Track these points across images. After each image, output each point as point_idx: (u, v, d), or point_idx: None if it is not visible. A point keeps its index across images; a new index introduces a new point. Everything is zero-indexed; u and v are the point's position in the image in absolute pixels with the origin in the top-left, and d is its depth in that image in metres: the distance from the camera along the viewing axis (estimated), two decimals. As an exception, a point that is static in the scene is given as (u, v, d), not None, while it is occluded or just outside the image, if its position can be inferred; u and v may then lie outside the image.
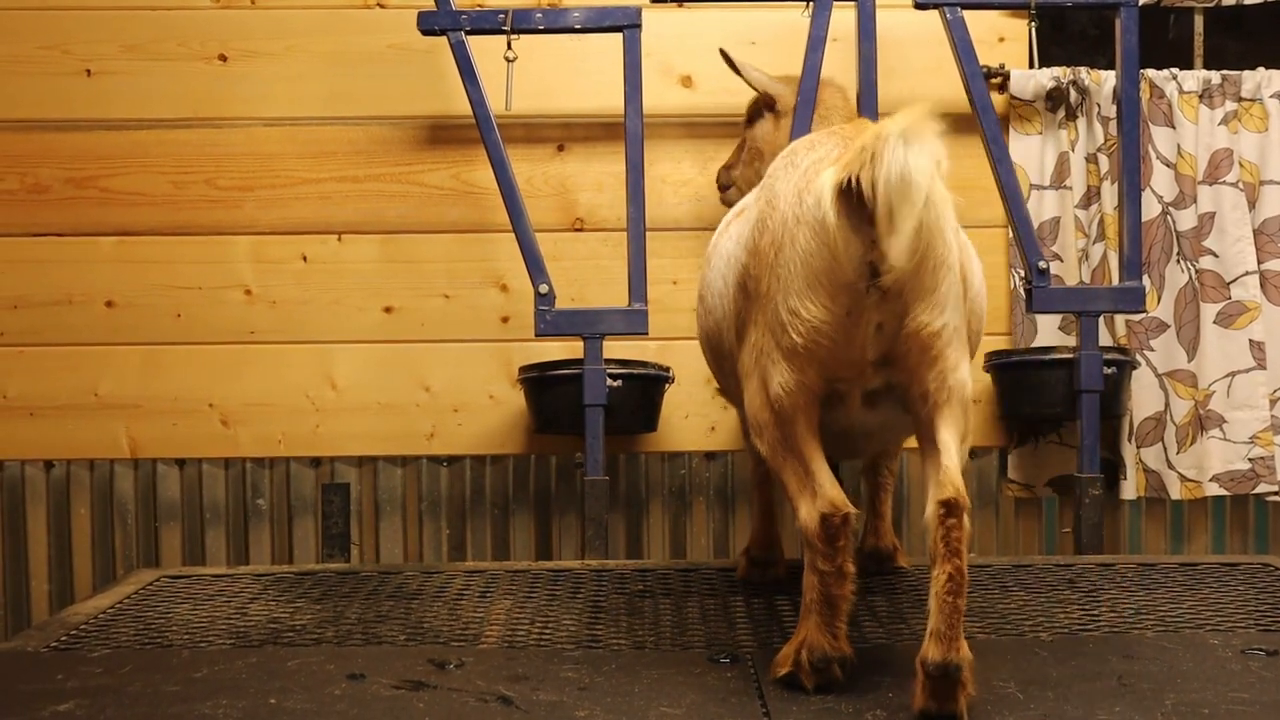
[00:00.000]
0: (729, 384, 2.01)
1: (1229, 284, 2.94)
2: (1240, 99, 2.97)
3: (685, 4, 2.79)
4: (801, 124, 2.68)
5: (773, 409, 1.60)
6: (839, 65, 2.82)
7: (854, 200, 1.44)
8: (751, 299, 1.64)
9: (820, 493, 1.57)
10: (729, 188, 2.72)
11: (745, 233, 1.71)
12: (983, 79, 2.73)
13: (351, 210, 2.98)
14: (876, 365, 1.57)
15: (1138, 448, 2.96)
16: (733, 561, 2.48)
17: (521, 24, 2.69)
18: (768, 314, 1.58)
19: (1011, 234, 2.80)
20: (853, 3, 2.71)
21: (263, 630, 1.97)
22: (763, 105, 2.66)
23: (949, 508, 1.47)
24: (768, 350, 1.60)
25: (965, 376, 1.58)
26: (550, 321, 2.68)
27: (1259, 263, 2.95)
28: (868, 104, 2.61)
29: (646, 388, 2.79)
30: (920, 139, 1.39)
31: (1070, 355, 2.73)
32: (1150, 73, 2.94)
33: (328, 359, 2.98)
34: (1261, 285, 2.94)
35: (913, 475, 3.04)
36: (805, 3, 2.74)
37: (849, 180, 1.43)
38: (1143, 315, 2.90)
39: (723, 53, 2.63)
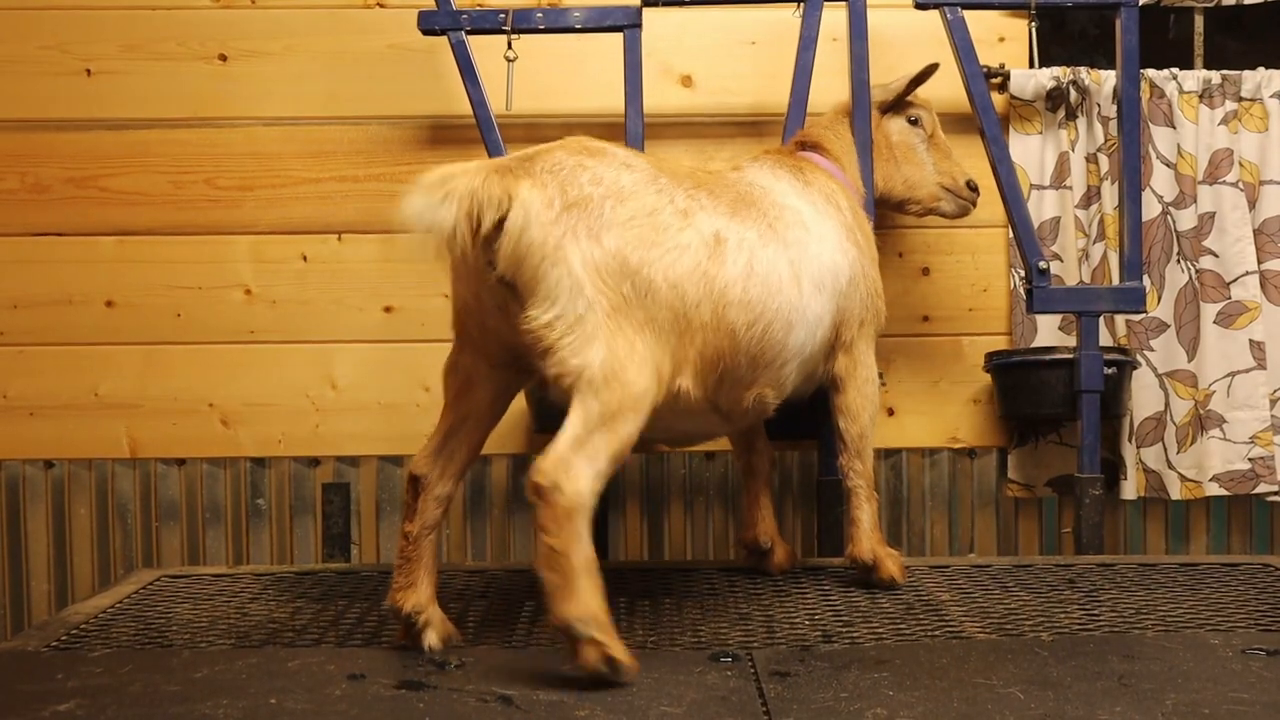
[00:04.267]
0: None
1: (1229, 284, 2.94)
2: (1240, 99, 2.97)
3: (685, 5, 2.78)
4: (794, 124, 2.68)
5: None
6: (838, 65, 2.82)
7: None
8: None
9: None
10: None
11: None
12: (983, 79, 2.73)
13: (352, 210, 2.98)
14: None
15: (1138, 448, 2.96)
16: (733, 560, 2.48)
17: (522, 24, 2.69)
18: None
19: (1011, 234, 2.80)
20: (844, 2, 2.71)
21: (263, 630, 1.97)
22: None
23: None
24: None
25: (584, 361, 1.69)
26: None
27: (1259, 263, 2.95)
28: (860, 104, 2.61)
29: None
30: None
31: (1070, 355, 2.73)
32: (1150, 73, 2.94)
33: (328, 359, 2.98)
34: (1261, 285, 2.95)
35: (912, 476, 3.04)
36: (796, 3, 2.74)
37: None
38: (1143, 315, 2.90)
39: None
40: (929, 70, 2.59)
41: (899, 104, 2.63)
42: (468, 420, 1.87)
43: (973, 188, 2.64)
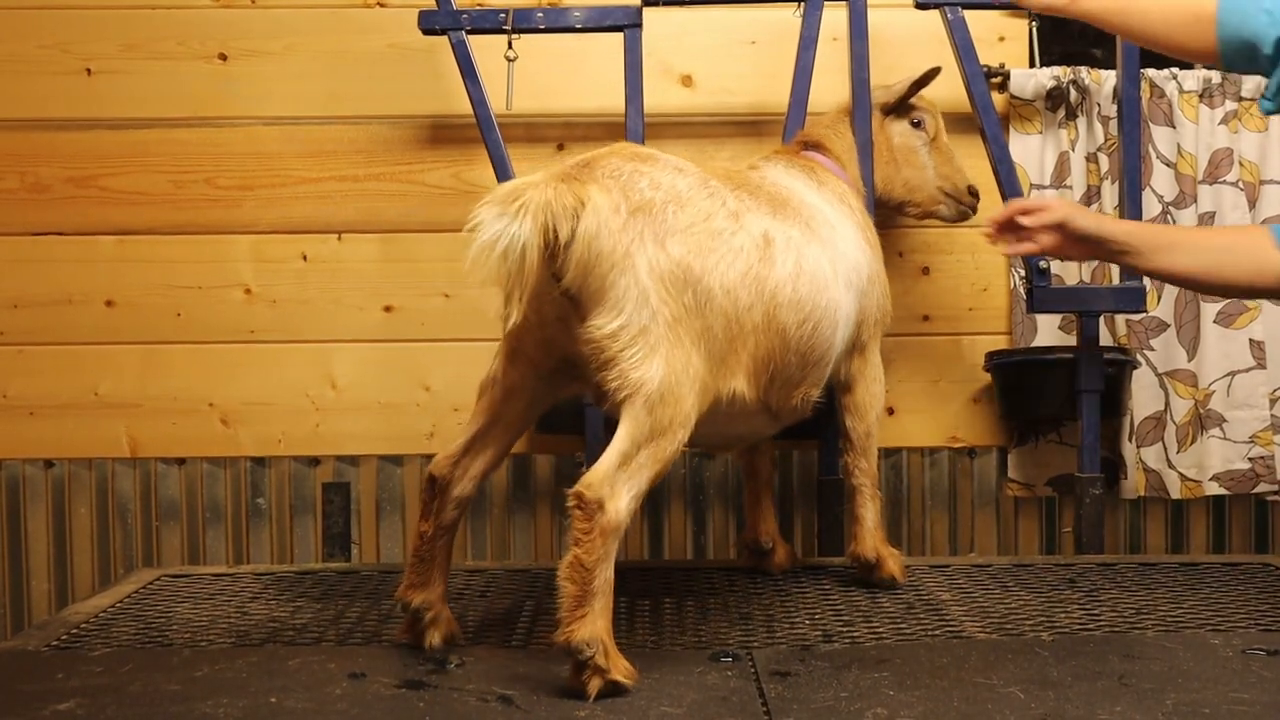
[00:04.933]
0: None
1: (1229, 284, 2.93)
2: (1240, 98, 2.97)
3: (685, 4, 2.78)
4: (794, 124, 2.67)
5: None
6: (838, 64, 2.82)
7: None
8: None
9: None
10: None
11: None
12: (983, 79, 2.73)
13: (352, 209, 2.98)
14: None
15: (1138, 447, 2.96)
16: (734, 560, 2.48)
17: (522, 23, 2.69)
18: None
19: (1012, 233, 2.80)
20: (844, 2, 2.70)
21: (263, 629, 1.97)
22: None
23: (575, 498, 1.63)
24: None
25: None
26: None
27: (1259, 262, 2.94)
28: (860, 103, 2.61)
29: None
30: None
31: (1070, 355, 2.73)
32: (1150, 72, 2.94)
33: (328, 358, 2.98)
34: (1262, 285, 2.94)
35: (913, 476, 3.04)
36: (797, 2, 2.73)
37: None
38: (1143, 315, 2.90)
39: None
40: (932, 73, 2.58)
41: (902, 106, 2.63)
42: (496, 426, 1.87)
43: (974, 193, 2.64)
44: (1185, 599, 2.10)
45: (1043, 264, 2.68)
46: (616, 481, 1.62)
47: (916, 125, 2.63)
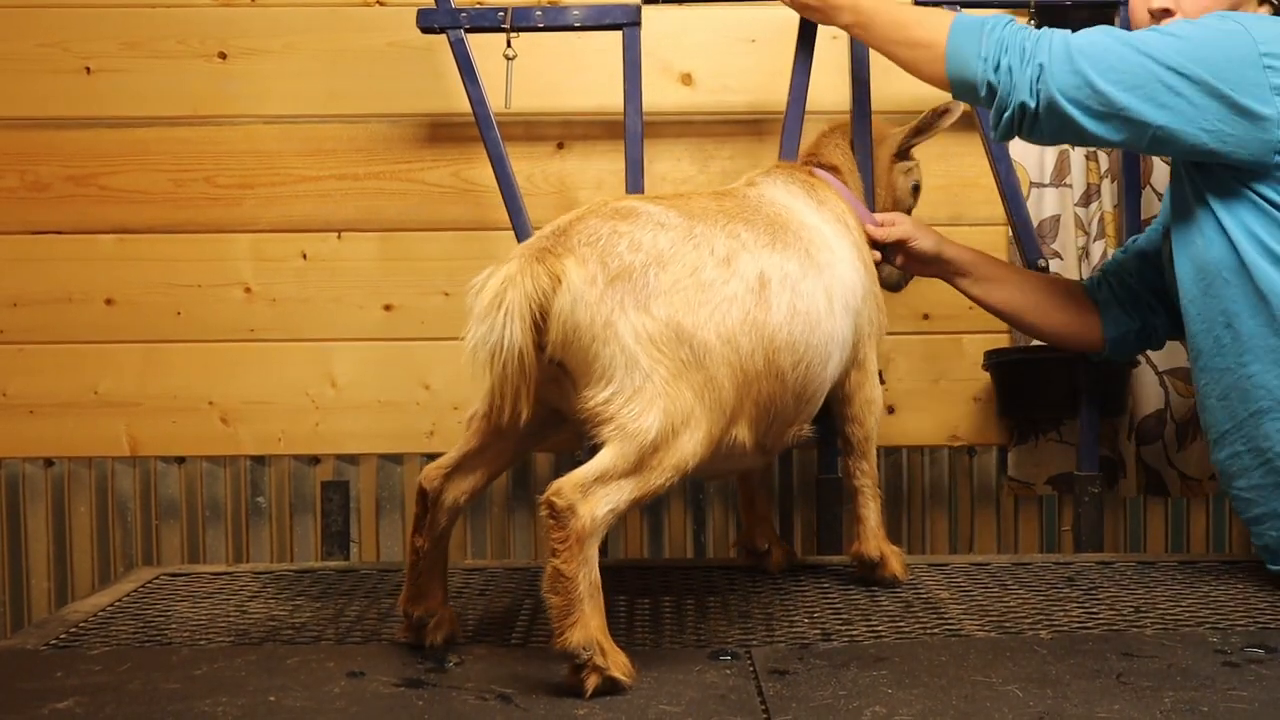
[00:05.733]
0: None
1: (1229, 282, 2.93)
2: (1240, 97, 2.96)
3: (685, 1, 2.78)
4: (791, 131, 2.66)
5: None
6: (838, 64, 2.82)
7: None
8: None
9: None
10: None
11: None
12: (982, 77, 2.72)
13: (351, 208, 2.98)
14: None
15: (1137, 446, 2.96)
16: (733, 559, 2.48)
17: (521, 22, 2.69)
18: None
19: (1011, 232, 2.80)
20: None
21: (262, 628, 1.97)
22: None
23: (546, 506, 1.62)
24: None
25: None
26: None
27: (1259, 261, 2.94)
28: (859, 101, 2.61)
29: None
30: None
31: (1070, 354, 2.73)
32: (1150, 71, 2.93)
33: (327, 357, 2.98)
34: (1261, 283, 2.94)
35: (912, 474, 3.04)
36: None
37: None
38: (1142, 313, 2.90)
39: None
40: (950, 108, 2.47)
41: (908, 149, 2.56)
42: (488, 451, 1.84)
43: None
44: (1184, 597, 2.10)
45: (1042, 262, 2.68)
46: (592, 490, 1.60)
47: (908, 173, 2.58)
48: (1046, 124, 2.07)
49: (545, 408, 1.79)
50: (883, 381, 2.77)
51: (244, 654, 1.80)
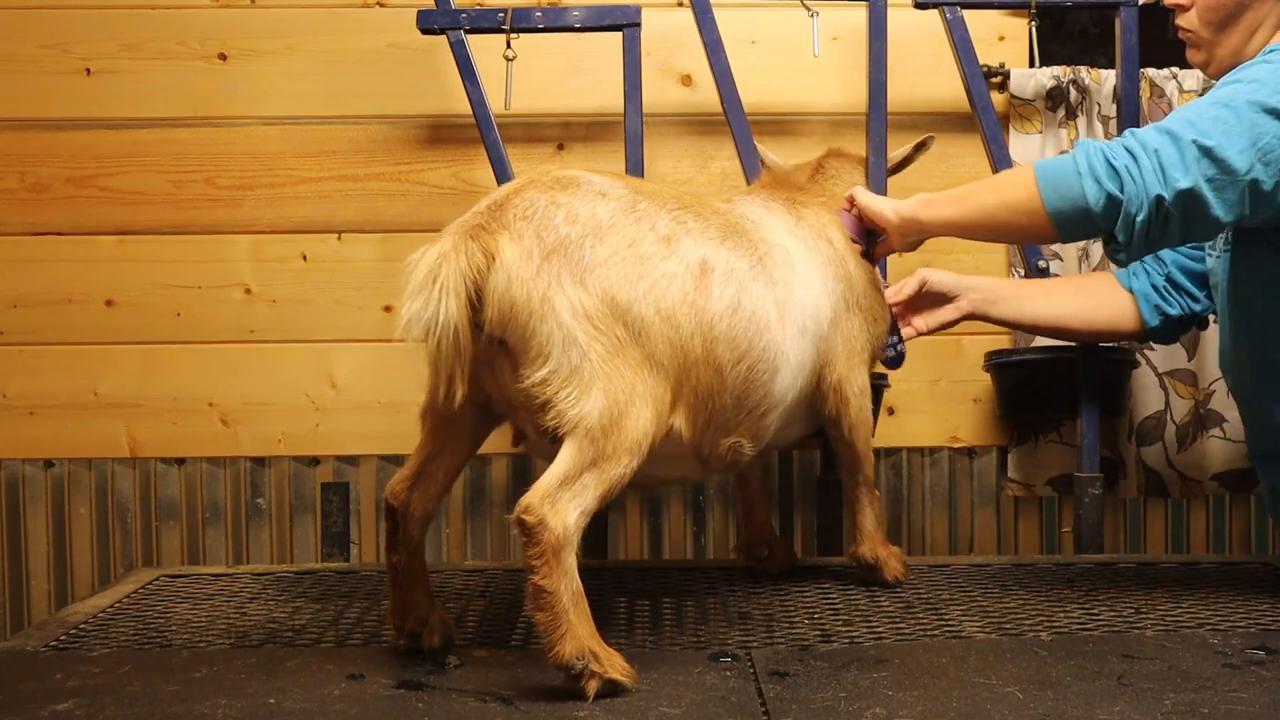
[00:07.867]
0: None
1: (1229, 283, 2.93)
2: (1240, 98, 2.96)
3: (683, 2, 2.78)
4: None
5: None
6: (839, 64, 2.82)
7: None
8: None
9: None
10: None
11: None
12: (983, 78, 2.72)
13: (351, 209, 2.98)
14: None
15: (1138, 447, 2.96)
16: (733, 560, 2.48)
17: (521, 23, 2.69)
18: None
19: (1011, 233, 2.79)
20: (865, 1, 2.68)
21: (262, 630, 1.97)
22: None
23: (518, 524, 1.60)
24: None
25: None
26: None
27: (1259, 262, 2.94)
28: (876, 105, 2.61)
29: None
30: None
31: (1070, 355, 2.73)
32: (1150, 72, 2.94)
33: (328, 358, 2.98)
34: (1262, 284, 2.94)
35: (913, 475, 3.04)
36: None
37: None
38: (1143, 314, 2.89)
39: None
40: (926, 144, 2.51)
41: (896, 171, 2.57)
42: (445, 450, 1.84)
43: None
44: (1184, 599, 2.10)
45: (1042, 263, 2.68)
46: (558, 498, 1.59)
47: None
48: (1178, 217, 1.89)
49: (484, 393, 1.78)
50: (888, 385, 2.77)
51: (244, 656, 1.80)
